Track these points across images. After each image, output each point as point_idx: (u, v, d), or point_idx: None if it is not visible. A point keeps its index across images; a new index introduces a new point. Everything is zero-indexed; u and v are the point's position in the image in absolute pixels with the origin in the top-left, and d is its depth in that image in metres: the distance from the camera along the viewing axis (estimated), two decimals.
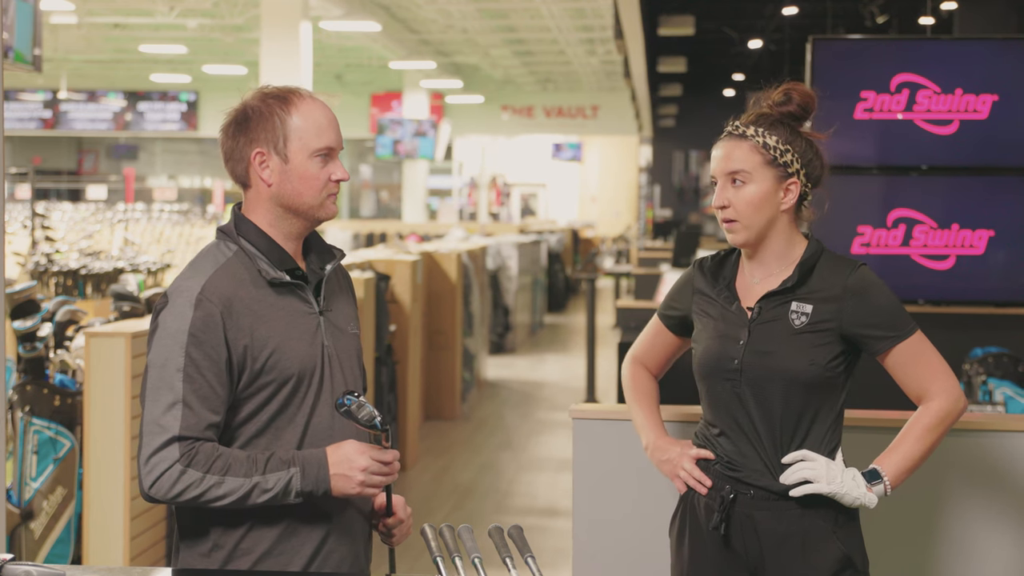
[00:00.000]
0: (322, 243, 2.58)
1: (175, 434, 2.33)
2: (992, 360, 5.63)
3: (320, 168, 2.46)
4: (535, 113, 24.03)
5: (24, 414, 4.94)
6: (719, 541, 2.74)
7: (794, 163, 2.73)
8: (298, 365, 2.42)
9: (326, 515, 2.45)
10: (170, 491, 2.33)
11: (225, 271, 2.43)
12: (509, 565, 2.19)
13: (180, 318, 2.37)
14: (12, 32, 4.06)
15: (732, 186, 2.72)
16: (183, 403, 2.34)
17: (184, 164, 31.86)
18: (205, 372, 2.36)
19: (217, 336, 2.37)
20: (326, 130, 2.47)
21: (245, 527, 2.42)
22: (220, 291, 2.39)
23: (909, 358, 2.73)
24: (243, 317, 2.39)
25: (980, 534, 3.28)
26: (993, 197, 5.93)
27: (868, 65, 5.95)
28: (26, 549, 4.85)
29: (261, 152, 2.47)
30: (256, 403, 2.42)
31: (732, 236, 2.75)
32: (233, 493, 2.33)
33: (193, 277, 2.42)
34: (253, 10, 14.62)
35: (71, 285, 10.43)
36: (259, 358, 2.39)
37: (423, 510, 7.04)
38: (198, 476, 2.32)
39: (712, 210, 2.82)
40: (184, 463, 2.32)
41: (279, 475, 2.34)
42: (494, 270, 13.93)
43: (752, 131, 2.73)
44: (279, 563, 2.43)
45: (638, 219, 30.08)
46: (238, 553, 2.42)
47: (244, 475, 2.33)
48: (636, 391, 2.98)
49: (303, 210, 2.47)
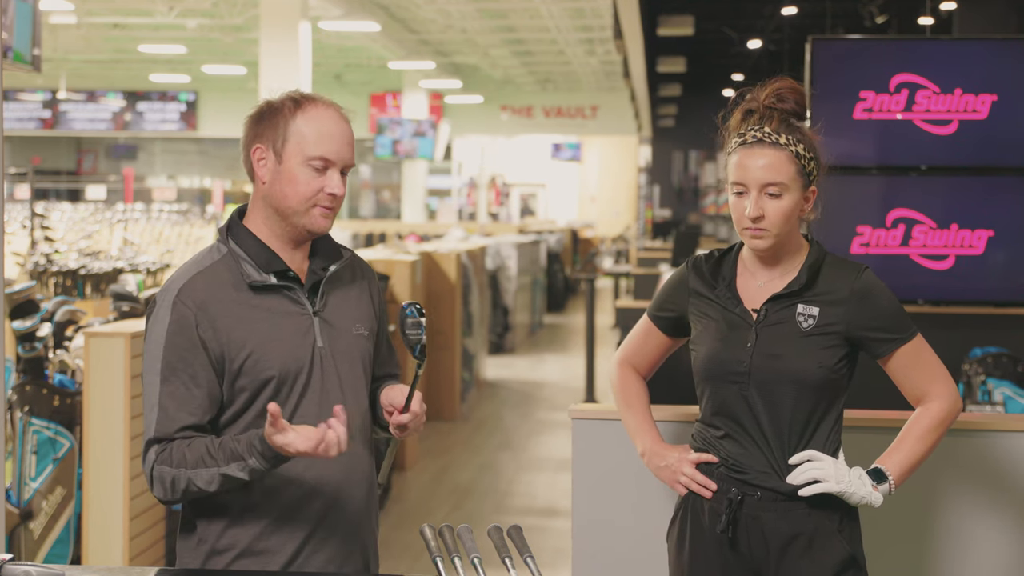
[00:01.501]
0: (330, 244, 2.58)
1: (151, 436, 2.38)
2: (991, 360, 5.63)
3: (312, 177, 2.44)
4: (534, 113, 24.03)
5: (23, 414, 4.94)
6: (724, 544, 2.73)
7: (815, 171, 2.72)
8: (279, 366, 2.42)
9: (306, 517, 2.45)
10: (164, 492, 2.38)
11: (207, 274, 2.45)
12: (508, 565, 2.19)
13: (160, 321, 2.42)
14: (11, 32, 4.06)
15: (767, 197, 2.67)
16: (159, 406, 2.39)
17: (183, 164, 31.85)
18: (180, 374, 2.38)
19: (191, 339, 2.39)
20: (328, 141, 2.45)
21: (224, 523, 2.44)
22: (195, 294, 2.41)
23: (910, 361, 2.74)
24: (219, 319, 2.41)
25: (979, 534, 3.28)
26: (992, 197, 5.93)
27: (867, 65, 5.95)
28: (25, 549, 4.85)
29: (260, 147, 2.48)
30: (239, 404, 2.43)
31: (759, 243, 2.70)
32: (210, 484, 2.35)
33: (177, 279, 2.46)
34: (252, 10, 14.62)
35: (70, 285, 10.43)
36: (236, 359, 2.41)
37: (422, 510, 7.04)
38: (174, 473, 2.35)
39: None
40: (160, 463, 2.37)
41: (239, 464, 2.33)
42: (493, 270, 13.93)
43: (785, 139, 2.68)
44: (259, 561, 2.43)
45: (637, 219, 30.10)
46: (219, 548, 2.44)
47: (211, 465, 2.34)
48: (627, 395, 2.95)
49: (287, 214, 2.47)
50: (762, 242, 2.70)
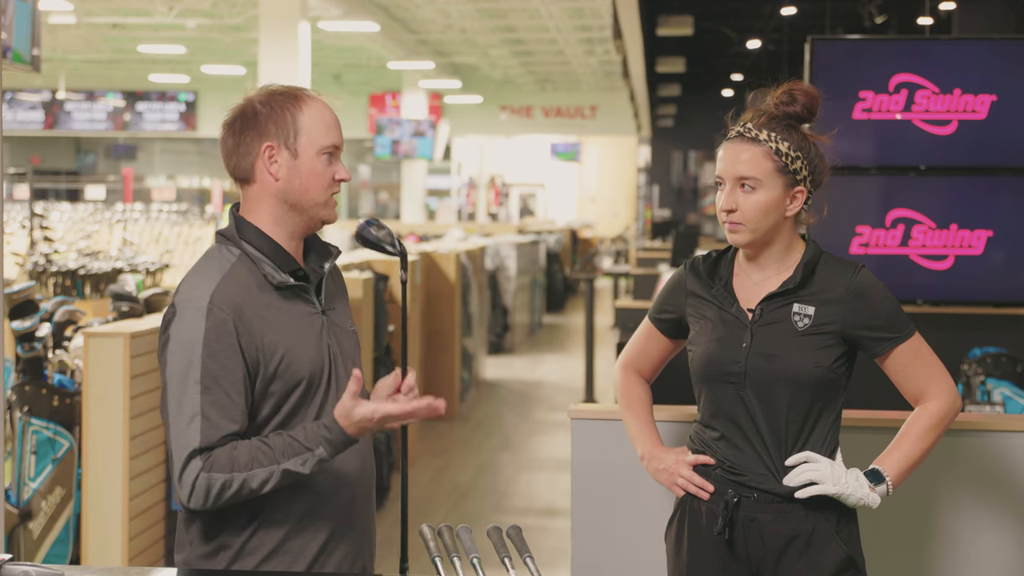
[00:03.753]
0: (320, 241, 2.58)
1: (196, 447, 2.32)
2: (991, 360, 5.63)
3: (326, 166, 2.47)
4: (534, 113, 24.03)
5: (23, 414, 4.94)
6: (722, 545, 2.73)
7: (802, 170, 2.71)
8: (308, 368, 2.42)
9: (331, 513, 2.46)
10: (207, 500, 2.32)
11: (232, 277, 2.41)
12: (507, 565, 2.19)
13: (192, 329, 2.35)
14: (11, 32, 4.06)
15: (741, 190, 2.69)
16: (201, 415, 2.32)
17: (183, 164, 31.85)
18: (222, 382, 2.34)
19: (231, 345, 2.35)
20: (333, 128, 2.50)
21: (252, 527, 2.42)
22: (229, 298, 2.37)
23: (908, 359, 2.73)
24: (253, 323, 2.38)
25: (978, 534, 3.28)
26: (992, 197, 5.93)
27: (867, 65, 5.95)
28: (24, 549, 4.85)
29: (271, 146, 2.46)
30: (269, 408, 2.41)
31: (735, 237, 2.73)
32: (265, 483, 2.32)
33: (200, 285, 2.39)
34: (252, 10, 14.62)
35: (69, 285, 10.42)
36: (270, 364, 2.38)
37: (422, 510, 7.04)
38: (226, 478, 2.31)
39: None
40: (207, 471, 2.31)
41: (303, 457, 2.33)
42: (493, 270, 13.93)
43: (765, 135, 2.69)
44: (285, 561, 2.42)
45: (636, 219, 30.10)
46: (245, 552, 2.42)
47: (269, 463, 2.32)
48: (629, 400, 2.96)
49: (307, 207, 2.46)
50: (738, 236, 2.72)
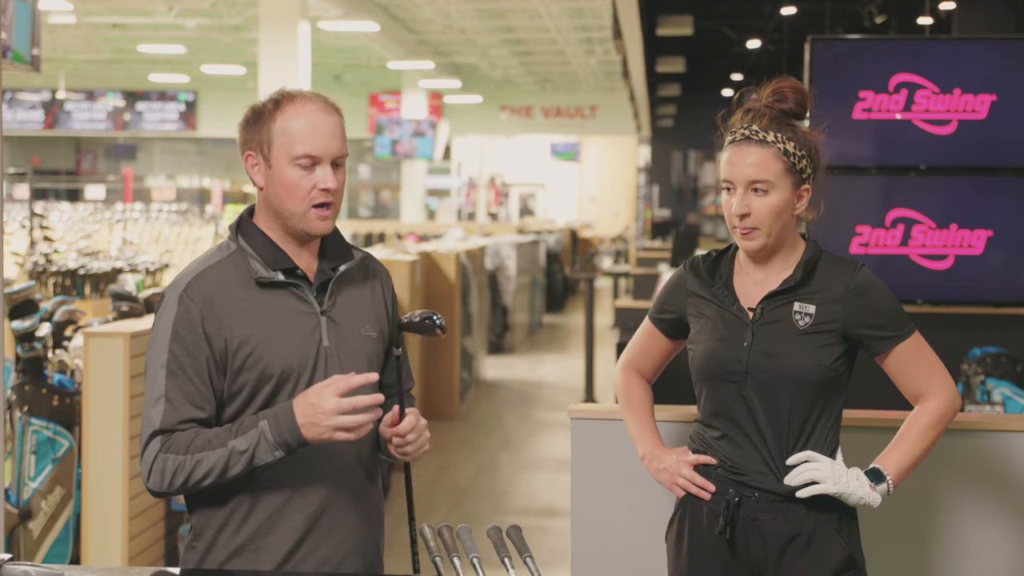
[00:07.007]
0: (340, 244, 2.56)
1: (156, 428, 2.38)
2: (990, 360, 5.63)
3: (302, 176, 2.43)
4: (534, 113, 24.02)
5: (23, 414, 4.94)
6: (723, 544, 2.73)
7: (807, 169, 2.72)
8: (281, 364, 2.42)
9: (307, 514, 2.45)
10: (162, 481, 2.37)
11: (214, 270, 2.45)
12: (507, 565, 2.19)
13: (166, 316, 2.43)
14: (10, 32, 4.06)
15: (753, 194, 2.69)
16: (165, 398, 2.39)
17: (183, 164, 31.84)
18: (186, 368, 2.39)
19: (196, 333, 2.39)
20: (311, 137, 2.42)
21: (223, 518, 2.44)
22: (202, 289, 2.42)
23: (908, 358, 2.73)
24: (224, 315, 2.41)
25: (978, 534, 3.28)
26: (991, 197, 5.93)
27: (866, 65, 5.95)
28: (24, 549, 4.85)
29: (251, 154, 2.48)
30: (240, 400, 2.43)
31: (750, 243, 2.71)
32: (215, 467, 2.34)
33: (184, 276, 2.47)
34: (251, 10, 14.61)
35: (69, 285, 10.42)
36: (238, 355, 2.41)
37: (422, 510, 7.04)
38: (179, 460, 2.35)
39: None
40: (164, 451, 2.36)
41: (249, 434, 2.34)
42: (493, 270, 13.93)
43: (772, 137, 2.69)
44: (253, 559, 2.43)
45: (636, 219, 30.09)
46: (217, 544, 2.45)
47: (220, 446, 2.35)
48: (630, 400, 2.96)
49: (286, 217, 2.46)
50: (753, 243, 2.71)
